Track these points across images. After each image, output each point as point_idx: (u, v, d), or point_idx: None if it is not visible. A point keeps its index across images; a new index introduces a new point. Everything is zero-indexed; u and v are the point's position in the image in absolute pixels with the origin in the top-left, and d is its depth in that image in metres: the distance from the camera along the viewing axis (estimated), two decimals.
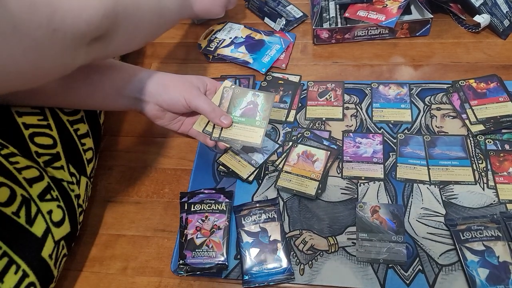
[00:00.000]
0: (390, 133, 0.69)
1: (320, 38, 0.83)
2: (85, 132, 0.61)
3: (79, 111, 0.61)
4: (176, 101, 0.60)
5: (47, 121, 0.56)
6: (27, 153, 0.52)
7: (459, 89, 0.72)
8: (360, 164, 0.65)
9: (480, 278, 0.52)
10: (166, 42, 0.90)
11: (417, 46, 0.81)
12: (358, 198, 0.62)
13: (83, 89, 0.57)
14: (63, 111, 0.59)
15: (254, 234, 0.59)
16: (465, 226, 0.57)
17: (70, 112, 0.60)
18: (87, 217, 0.65)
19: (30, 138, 0.53)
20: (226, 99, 0.64)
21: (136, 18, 0.51)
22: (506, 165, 0.62)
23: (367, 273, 0.55)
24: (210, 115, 0.61)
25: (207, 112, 0.60)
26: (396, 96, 0.73)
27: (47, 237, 0.50)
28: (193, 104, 0.60)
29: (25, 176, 0.50)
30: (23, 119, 0.54)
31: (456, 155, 0.64)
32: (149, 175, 0.69)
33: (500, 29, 0.79)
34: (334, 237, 0.59)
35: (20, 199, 0.48)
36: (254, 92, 0.64)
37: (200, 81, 0.63)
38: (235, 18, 0.93)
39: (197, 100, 0.60)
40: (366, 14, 0.80)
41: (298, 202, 0.62)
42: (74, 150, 0.59)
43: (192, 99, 0.60)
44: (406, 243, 0.57)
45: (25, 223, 0.47)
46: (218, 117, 0.61)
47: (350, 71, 0.79)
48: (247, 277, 0.56)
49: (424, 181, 0.62)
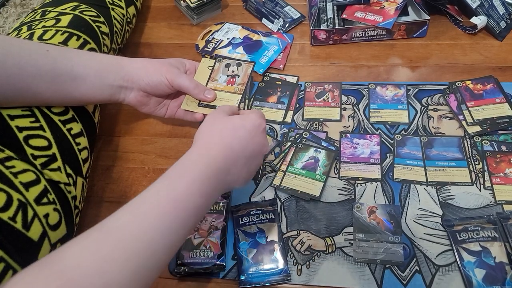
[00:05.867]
0: (387, 134, 0.69)
1: (317, 39, 0.83)
2: (78, 131, 0.61)
3: (69, 111, 0.61)
4: (159, 82, 0.61)
5: (39, 122, 0.56)
6: (24, 156, 0.52)
7: (456, 90, 0.72)
8: (358, 165, 0.65)
9: (477, 278, 0.52)
10: (163, 43, 0.90)
11: (414, 47, 0.82)
12: (356, 199, 0.62)
13: (69, 83, 0.57)
14: (52, 112, 0.58)
15: (251, 235, 0.59)
16: (462, 227, 0.57)
17: (60, 112, 0.59)
18: (84, 218, 0.65)
19: (25, 141, 0.53)
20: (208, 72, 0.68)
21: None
22: (502, 166, 0.63)
23: (364, 273, 0.55)
24: (193, 92, 0.63)
25: (190, 88, 0.63)
26: (393, 97, 0.73)
27: (44, 241, 0.49)
28: (176, 83, 0.62)
29: (21, 180, 0.49)
30: (15, 122, 0.53)
31: (453, 156, 0.65)
32: (146, 175, 0.69)
33: (496, 30, 0.80)
34: (332, 237, 0.59)
35: (17, 204, 0.47)
36: (316, 149, 0.66)
37: (179, 62, 0.66)
38: (232, 18, 0.93)
39: (179, 78, 0.62)
40: (364, 15, 0.81)
41: (296, 202, 0.63)
42: (69, 150, 0.58)
43: (174, 78, 0.61)
44: (403, 244, 0.57)
45: (21, 228, 0.47)
46: (201, 92, 0.64)
47: (348, 72, 0.79)
48: (244, 277, 0.56)
49: (421, 182, 0.63)
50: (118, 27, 0.79)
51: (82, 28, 0.70)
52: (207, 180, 0.44)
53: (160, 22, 0.96)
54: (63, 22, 0.69)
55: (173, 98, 0.68)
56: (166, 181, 0.43)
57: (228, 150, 0.47)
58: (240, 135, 0.49)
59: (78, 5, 0.74)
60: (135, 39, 0.92)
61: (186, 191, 0.42)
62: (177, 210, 0.41)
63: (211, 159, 0.46)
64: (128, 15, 0.84)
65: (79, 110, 0.63)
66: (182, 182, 0.43)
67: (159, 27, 0.94)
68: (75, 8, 0.73)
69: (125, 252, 0.36)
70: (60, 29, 0.67)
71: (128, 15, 0.84)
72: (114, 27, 0.78)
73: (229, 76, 0.69)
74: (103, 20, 0.75)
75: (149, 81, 0.61)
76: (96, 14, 0.74)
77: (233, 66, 0.70)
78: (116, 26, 0.79)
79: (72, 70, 0.57)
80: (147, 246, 0.38)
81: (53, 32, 0.66)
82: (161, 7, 0.99)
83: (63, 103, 0.60)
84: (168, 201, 0.41)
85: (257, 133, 0.51)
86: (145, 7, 0.99)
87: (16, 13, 1.07)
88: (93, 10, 0.75)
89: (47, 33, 0.66)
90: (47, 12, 0.72)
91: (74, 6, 0.73)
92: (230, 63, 0.71)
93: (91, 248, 0.36)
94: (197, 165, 0.45)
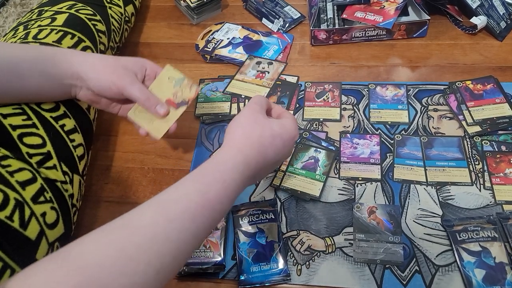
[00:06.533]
0: (387, 134, 0.69)
1: (317, 39, 0.83)
2: (72, 128, 0.60)
3: (59, 107, 0.60)
4: (107, 88, 0.57)
5: (31, 120, 0.56)
6: (19, 155, 0.52)
7: (456, 91, 0.72)
8: (357, 165, 0.65)
9: (477, 278, 0.52)
10: (163, 43, 0.90)
11: (414, 47, 0.82)
12: (355, 199, 0.62)
13: (14, 82, 0.54)
14: (43, 108, 0.58)
15: (251, 235, 0.59)
16: (462, 227, 0.57)
17: (50, 108, 0.59)
18: (83, 217, 0.65)
19: (19, 139, 0.53)
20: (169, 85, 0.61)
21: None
22: (502, 166, 0.63)
23: (364, 273, 0.55)
24: (144, 104, 0.58)
25: (140, 101, 0.58)
26: (393, 97, 0.73)
27: (41, 240, 0.49)
28: (125, 92, 0.57)
29: (17, 179, 0.49)
30: (8, 121, 0.53)
31: (453, 156, 0.64)
32: (146, 175, 0.69)
33: (496, 30, 0.80)
34: (331, 237, 0.59)
35: (14, 202, 0.47)
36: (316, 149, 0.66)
37: (138, 65, 0.60)
38: (232, 18, 0.93)
39: (129, 88, 0.57)
40: (364, 15, 0.81)
41: (296, 202, 0.62)
42: (64, 147, 0.58)
43: (124, 86, 0.56)
44: (403, 244, 0.57)
45: (18, 227, 0.47)
46: (153, 106, 0.58)
47: (348, 72, 0.79)
48: (244, 277, 0.56)
49: (421, 182, 0.63)
50: (115, 25, 0.79)
51: (78, 27, 0.69)
52: (237, 188, 0.44)
53: (159, 21, 0.96)
54: (59, 21, 0.69)
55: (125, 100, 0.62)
56: (198, 184, 0.42)
57: (262, 158, 0.47)
58: (277, 144, 0.48)
59: (74, 3, 0.74)
60: (134, 38, 0.92)
61: (217, 197, 0.41)
62: (206, 215, 0.40)
63: (245, 167, 0.45)
64: (126, 14, 0.84)
65: (70, 105, 0.62)
66: (214, 187, 0.42)
67: (159, 27, 0.94)
68: (71, 7, 0.73)
69: (150, 252, 0.36)
70: (55, 28, 0.67)
71: (126, 13, 0.84)
72: (112, 25, 0.78)
73: (258, 72, 0.70)
74: (99, 19, 0.74)
75: (96, 84, 0.57)
76: (92, 12, 0.74)
77: (264, 64, 0.71)
78: (114, 24, 0.78)
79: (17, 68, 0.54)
80: (173, 247, 0.37)
81: (48, 31, 0.66)
82: (160, 6, 0.99)
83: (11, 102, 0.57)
84: (198, 205, 0.40)
85: (290, 144, 0.50)
86: (144, 6, 0.99)
87: (16, 12, 1.07)
88: (89, 8, 0.74)
89: (42, 32, 0.66)
90: (43, 11, 0.72)
91: (70, 5, 0.73)
92: (262, 61, 0.71)
93: (115, 246, 0.35)
94: (232, 173, 0.44)
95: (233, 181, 0.43)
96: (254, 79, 0.68)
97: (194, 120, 0.75)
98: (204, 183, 0.42)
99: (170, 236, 0.37)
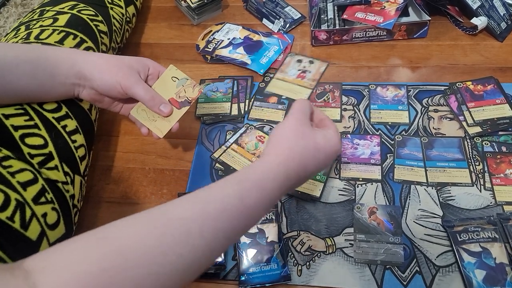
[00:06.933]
0: (388, 134, 0.69)
1: (318, 40, 0.83)
2: (74, 129, 0.60)
3: (62, 107, 0.60)
4: (112, 87, 0.57)
5: (33, 120, 0.56)
6: (21, 156, 0.52)
7: (457, 91, 0.72)
8: (358, 166, 0.65)
9: (477, 279, 0.52)
10: (164, 43, 0.90)
11: (415, 48, 0.82)
12: (356, 200, 0.62)
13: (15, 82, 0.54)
14: (45, 109, 0.58)
15: (252, 235, 0.59)
16: (462, 228, 0.57)
17: (52, 109, 0.59)
18: (84, 218, 0.65)
19: (21, 140, 0.53)
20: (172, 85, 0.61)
21: None
22: (502, 167, 0.63)
23: (364, 274, 0.55)
24: (148, 103, 0.59)
25: (145, 100, 0.58)
26: (393, 98, 0.73)
27: (42, 240, 0.49)
28: (130, 92, 0.57)
29: (18, 179, 0.49)
30: (10, 121, 0.53)
31: (453, 157, 0.65)
32: (147, 175, 0.69)
33: (497, 31, 0.80)
34: (332, 238, 0.59)
35: (15, 203, 0.47)
36: None
37: (141, 65, 0.60)
38: (233, 19, 0.93)
39: (135, 88, 0.57)
40: (364, 15, 0.81)
41: (296, 203, 0.63)
42: (66, 148, 0.58)
43: (129, 86, 0.57)
44: (404, 244, 0.57)
45: (19, 227, 0.47)
46: (157, 105, 0.59)
47: (348, 72, 0.79)
48: (244, 277, 0.56)
49: (422, 183, 0.63)
50: (117, 26, 0.79)
51: (79, 27, 0.69)
52: (274, 197, 0.44)
53: (160, 22, 0.96)
54: (61, 22, 0.69)
55: (128, 100, 0.62)
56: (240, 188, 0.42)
57: (303, 170, 0.46)
58: (319, 157, 0.47)
59: (76, 4, 0.74)
60: (135, 39, 0.92)
61: (254, 204, 0.42)
62: (241, 219, 0.41)
63: (286, 179, 0.44)
64: (127, 15, 0.84)
65: (72, 106, 0.62)
66: (254, 194, 0.42)
67: (160, 27, 0.94)
68: (73, 7, 0.73)
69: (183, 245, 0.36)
70: (57, 28, 0.67)
71: (127, 14, 0.84)
72: (113, 26, 0.78)
73: (299, 71, 0.68)
74: (101, 19, 0.75)
75: (101, 84, 0.57)
76: (94, 13, 0.74)
77: (305, 62, 0.69)
78: (115, 25, 0.79)
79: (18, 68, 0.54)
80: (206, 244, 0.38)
81: (50, 31, 0.66)
82: (161, 7, 0.99)
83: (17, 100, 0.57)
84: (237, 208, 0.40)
85: (332, 157, 0.49)
86: (145, 7, 0.99)
87: (17, 13, 1.07)
88: (91, 9, 0.74)
89: (44, 32, 0.66)
90: (45, 11, 0.72)
91: (72, 5, 0.73)
92: (302, 59, 0.69)
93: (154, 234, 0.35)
94: (272, 183, 0.43)
95: (272, 190, 0.43)
96: (295, 79, 0.65)
97: (195, 120, 0.75)
98: (245, 189, 0.42)
99: (205, 233, 0.38)
